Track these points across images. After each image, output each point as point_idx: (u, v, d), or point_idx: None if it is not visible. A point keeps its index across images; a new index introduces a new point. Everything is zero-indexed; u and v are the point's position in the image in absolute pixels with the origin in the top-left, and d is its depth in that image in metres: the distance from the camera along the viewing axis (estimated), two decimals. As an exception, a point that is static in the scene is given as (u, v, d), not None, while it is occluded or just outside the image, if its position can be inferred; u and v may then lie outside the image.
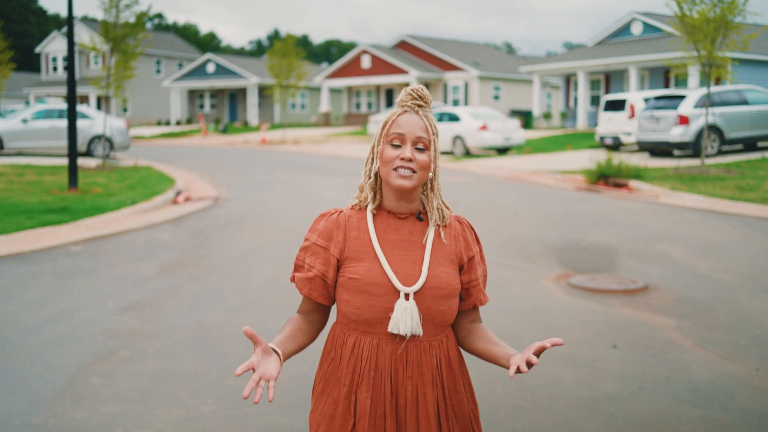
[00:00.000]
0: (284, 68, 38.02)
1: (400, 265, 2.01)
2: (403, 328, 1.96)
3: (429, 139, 2.01)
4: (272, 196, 13.91)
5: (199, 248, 9.00)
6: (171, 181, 15.20)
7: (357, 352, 2.02)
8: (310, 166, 21.11)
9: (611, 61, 32.50)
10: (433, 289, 2.00)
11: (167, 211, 11.79)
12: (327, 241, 2.06)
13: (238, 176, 18.10)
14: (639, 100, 22.34)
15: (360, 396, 2.00)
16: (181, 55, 64.60)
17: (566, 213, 12.03)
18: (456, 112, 25.35)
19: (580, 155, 23.08)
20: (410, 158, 1.97)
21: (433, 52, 46.00)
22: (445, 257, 2.06)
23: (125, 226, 10.13)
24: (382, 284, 1.98)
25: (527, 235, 10.04)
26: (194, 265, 8.10)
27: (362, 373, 2.00)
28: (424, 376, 2.01)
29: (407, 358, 2.01)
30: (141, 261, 8.26)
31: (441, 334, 2.06)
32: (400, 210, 2.06)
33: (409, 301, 1.97)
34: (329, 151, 28.65)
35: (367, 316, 1.99)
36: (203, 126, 44.38)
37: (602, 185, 15.68)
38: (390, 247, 2.03)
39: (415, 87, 2.07)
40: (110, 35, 17.19)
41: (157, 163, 20.98)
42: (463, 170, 20.19)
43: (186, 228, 10.37)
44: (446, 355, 2.07)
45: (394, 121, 2.02)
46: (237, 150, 30.86)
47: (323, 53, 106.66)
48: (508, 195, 14.46)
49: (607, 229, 10.55)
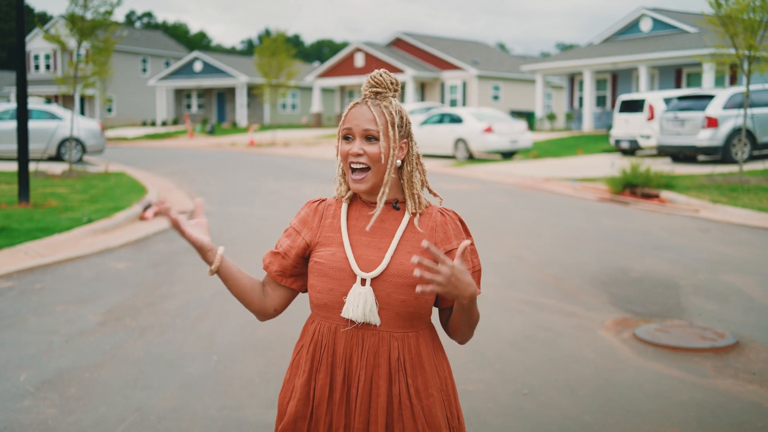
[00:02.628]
0: (274, 66, 36.34)
1: (364, 251, 1.98)
2: (353, 313, 1.93)
3: (377, 130, 1.96)
4: (256, 211, 12.16)
5: (160, 284, 7.24)
6: (142, 191, 13.44)
7: (317, 338, 2.00)
8: (300, 172, 19.38)
9: (620, 60, 30.86)
10: (394, 276, 1.94)
11: (130, 230, 10.02)
12: (302, 226, 2.09)
13: (220, 184, 16.35)
14: (659, 100, 20.67)
15: (318, 383, 1.97)
16: (168, 53, 62.78)
17: (599, 231, 10.33)
18: (458, 114, 23.64)
19: (594, 160, 21.41)
20: (358, 152, 1.96)
21: (429, 50, 44.26)
22: (416, 246, 1.98)
23: (74, 252, 8.37)
24: (342, 268, 1.97)
25: (561, 262, 8.34)
26: (150, 310, 6.35)
27: (320, 360, 1.98)
28: (379, 368, 1.94)
29: (362, 347, 1.95)
30: (83, 303, 6.50)
31: (408, 328, 1.98)
32: (373, 200, 2.04)
33: (365, 287, 1.93)
34: (321, 154, 26.92)
35: (325, 300, 1.98)
36: (189, 127, 42.59)
37: (629, 195, 14.00)
38: (359, 233, 2.01)
39: (373, 73, 2.03)
40: (77, 27, 15.39)
41: (132, 169, 19.20)
42: (467, 176, 18.48)
43: (149, 254, 8.61)
44: (414, 352, 1.97)
45: (345, 116, 2.01)
46: (223, 153, 29.11)
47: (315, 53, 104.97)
48: (525, 207, 12.75)
49: (654, 253, 8.85)
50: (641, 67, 30.49)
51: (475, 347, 5.49)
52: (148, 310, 6.33)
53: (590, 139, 28.50)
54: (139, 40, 62.53)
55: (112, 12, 15.37)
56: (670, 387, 4.79)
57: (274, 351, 5.32)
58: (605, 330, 5.97)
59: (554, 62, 34.49)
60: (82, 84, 16.73)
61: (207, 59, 52.04)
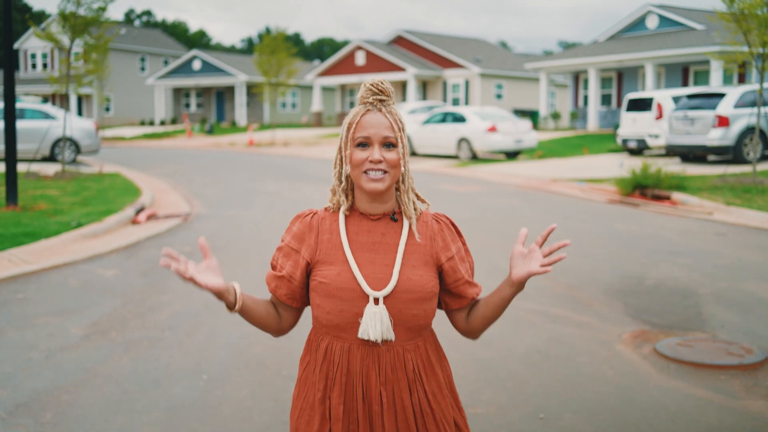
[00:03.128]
0: (273, 65, 35.97)
1: (371, 269, 1.98)
2: (372, 333, 1.93)
3: (396, 137, 1.98)
4: (253, 213, 11.82)
5: (149, 293, 6.90)
6: (136, 193, 13.10)
7: (329, 357, 1.99)
8: (299, 172, 19.04)
9: (626, 57, 30.48)
10: (404, 292, 1.97)
11: (122, 234, 9.68)
12: (299, 243, 2.05)
13: (217, 185, 16.01)
14: (667, 98, 20.31)
15: (333, 401, 1.97)
16: (167, 52, 62.48)
17: (610, 236, 9.99)
18: (461, 113, 23.29)
19: (600, 160, 21.06)
20: (379, 160, 1.95)
21: (431, 48, 43.90)
22: (419, 259, 2.02)
23: (61, 259, 8.03)
24: (351, 289, 1.96)
25: (572, 269, 8.00)
26: (137, 322, 6.01)
27: (335, 378, 1.98)
28: (399, 382, 1.98)
29: (380, 364, 1.97)
30: (67, 315, 6.16)
31: (417, 338, 2.02)
32: (373, 211, 2.04)
33: (378, 306, 1.94)
34: (321, 154, 26.58)
35: (337, 321, 1.97)
36: (188, 126, 42.25)
37: (639, 197, 13.65)
38: (361, 249, 2.01)
39: (374, 81, 2.02)
40: (69, 23, 15.04)
41: (127, 170, 18.86)
42: (471, 177, 18.13)
43: (139, 260, 8.26)
44: (425, 360, 2.03)
45: (358, 123, 1.98)
46: (222, 153, 28.78)
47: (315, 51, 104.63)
48: (532, 210, 12.41)
49: (669, 259, 8.51)
50: (647, 65, 30.12)
51: (484, 364, 5.16)
52: (135, 322, 5.99)
53: (596, 139, 28.14)
54: (138, 38, 62.23)
55: (105, 8, 15.04)
56: (697, 409, 4.45)
57: (268, 369, 4.98)
58: (623, 344, 5.63)
59: (558, 60, 34.13)
60: (75, 83, 16.35)
61: (206, 58, 51.70)
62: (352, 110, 2.03)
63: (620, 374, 5.01)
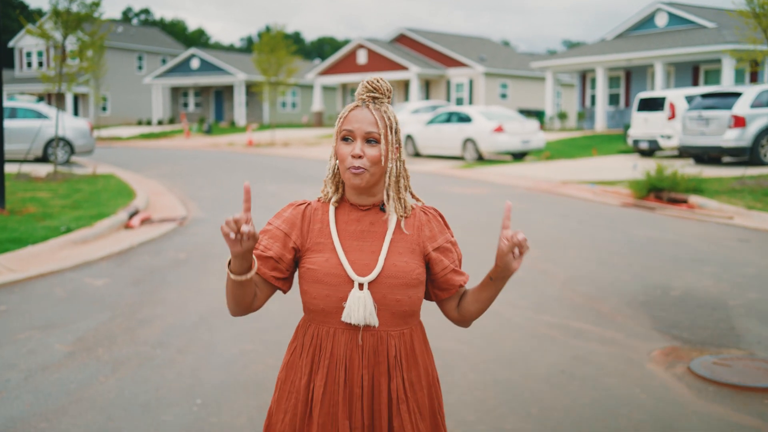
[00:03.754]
0: (273, 63, 35.61)
1: (358, 256, 2.04)
2: (355, 317, 1.99)
3: (379, 133, 2.02)
4: (252, 217, 11.43)
5: (141, 305, 6.51)
6: (130, 196, 12.72)
7: (315, 342, 2.06)
8: (299, 174, 18.66)
9: (634, 56, 30.09)
10: (389, 278, 2.03)
11: (114, 240, 9.29)
12: (290, 228, 2.09)
13: (215, 187, 15.64)
14: (680, 98, 19.90)
15: (316, 384, 2.03)
16: (165, 50, 62.12)
17: (628, 242, 9.60)
18: (467, 112, 22.90)
19: (611, 161, 20.68)
20: (359, 155, 2.00)
21: (434, 46, 43.50)
22: (405, 247, 2.08)
23: (48, 266, 7.64)
24: (337, 274, 2.02)
25: (593, 279, 7.61)
26: (127, 338, 5.62)
27: (319, 362, 2.04)
28: (380, 365, 2.03)
29: (363, 348, 2.03)
30: (51, 329, 5.78)
31: (403, 325, 2.08)
32: (362, 202, 2.10)
33: (363, 291, 2.01)
34: (322, 155, 26.21)
35: (322, 306, 2.04)
36: (185, 126, 41.90)
37: (654, 200, 13.27)
38: (350, 238, 2.07)
39: (371, 79, 2.08)
40: (61, 19, 14.66)
41: (122, 171, 18.48)
42: (477, 179, 17.74)
43: (131, 268, 7.87)
44: (408, 348, 2.08)
45: (345, 117, 2.05)
46: (220, 153, 28.42)
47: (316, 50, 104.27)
48: (544, 214, 12.02)
49: (693, 267, 8.12)
50: (657, 63, 29.73)
51: (505, 386, 4.78)
52: (124, 337, 5.60)
53: (604, 139, 27.76)
54: (135, 36, 61.88)
55: (99, 3, 14.66)
56: (744, 440, 4.06)
57: (268, 391, 4.59)
58: (654, 363, 5.24)
59: (565, 59, 33.74)
60: (68, 81, 15.98)
61: (204, 56, 51.35)
62: (346, 106, 2.11)
63: (654, 398, 4.62)
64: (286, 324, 5.93)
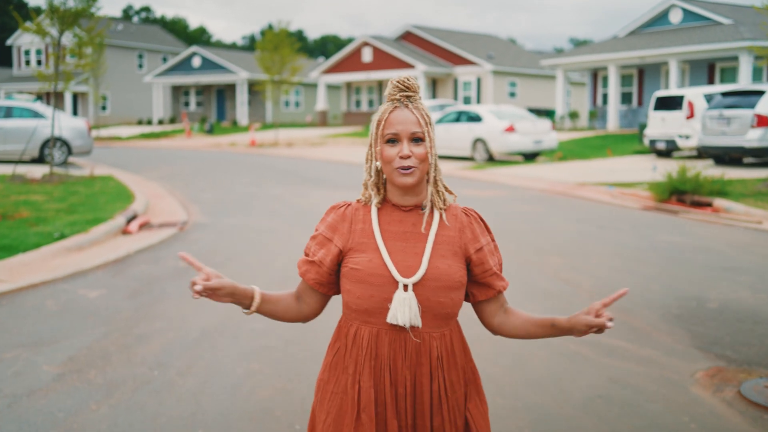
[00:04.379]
0: (276, 61, 35.23)
1: (401, 257, 2.08)
2: (401, 318, 2.03)
3: (423, 131, 2.08)
4: (256, 222, 11.06)
5: (138, 319, 6.13)
6: (129, 199, 12.35)
7: (358, 342, 2.09)
8: (305, 175, 18.29)
9: (648, 53, 29.66)
10: (432, 280, 2.07)
11: (110, 247, 8.91)
12: (332, 233, 2.16)
13: (217, 189, 15.26)
14: (699, 96, 19.48)
15: (363, 385, 2.06)
16: (165, 48, 61.80)
17: (653, 248, 9.20)
18: (477, 111, 22.50)
19: (627, 162, 20.27)
20: (408, 155, 2.05)
21: (441, 44, 43.11)
22: (448, 249, 2.12)
23: (39, 276, 7.27)
24: (381, 275, 2.06)
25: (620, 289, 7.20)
26: (122, 357, 5.24)
27: (363, 363, 2.07)
28: (422, 367, 2.07)
29: (405, 348, 2.07)
30: (40, 347, 5.40)
31: (444, 326, 2.12)
32: (405, 203, 2.13)
33: (407, 293, 2.05)
34: (327, 156, 25.84)
35: (366, 306, 2.08)
36: (187, 126, 41.58)
37: (676, 203, 12.86)
38: (393, 238, 2.11)
39: (400, 78, 2.13)
40: (57, 15, 14.29)
41: (121, 172, 18.12)
42: (489, 181, 17.35)
43: (128, 278, 7.49)
44: (449, 350, 2.12)
45: (386, 120, 2.09)
46: (222, 154, 28.07)
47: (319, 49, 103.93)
48: (562, 218, 11.62)
49: (727, 277, 7.72)
50: (671, 61, 29.29)
51: (537, 413, 4.39)
52: (119, 357, 5.22)
53: (618, 139, 27.35)
54: (135, 34, 61.56)
55: (95, 0, 14.31)
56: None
57: (277, 420, 4.22)
58: (699, 386, 4.85)
59: (576, 57, 33.31)
60: (64, 80, 15.62)
61: (206, 54, 51.02)
62: (380, 108, 2.12)
63: (704, 428, 4.23)
64: (295, 340, 5.55)
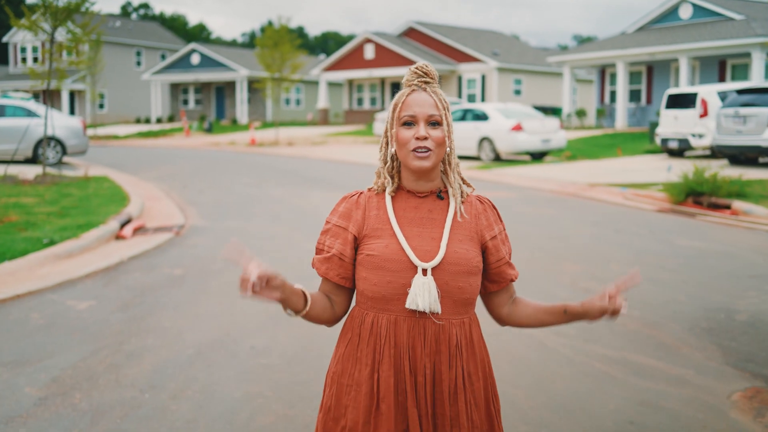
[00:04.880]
0: (277, 59, 34.94)
1: (418, 242, 2.06)
2: (421, 303, 2.01)
3: (441, 115, 2.07)
4: (256, 225, 10.72)
5: (129, 334, 5.78)
6: (124, 201, 12.01)
7: (376, 331, 2.05)
8: (307, 176, 17.95)
9: (658, 50, 29.31)
10: (451, 264, 2.05)
11: (102, 253, 8.57)
12: (346, 221, 2.12)
13: (215, 190, 14.92)
14: (712, 94, 19.11)
15: (383, 374, 2.03)
16: (164, 45, 61.51)
17: (674, 254, 8.84)
18: (483, 110, 22.16)
19: (638, 162, 19.91)
20: (425, 137, 2.04)
21: (445, 41, 42.76)
22: (465, 235, 2.11)
23: (25, 286, 6.92)
24: (399, 260, 2.04)
25: (645, 299, 6.85)
26: (110, 378, 4.89)
27: (382, 352, 2.04)
28: (441, 354, 2.05)
29: (425, 335, 2.04)
30: (22, 366, 5.05)
31: (463, 314, 2.10)
32: (420, 189, 2.12)
33: (426, 277, 2.02)
34: (329, 155, 25.50)
35: (384, 293, 2.05)
36: (185, 124, 41.25)
37: (692, 206, 12.51)
38: (409, 224, 2.09)
39: (419, 64, 2.13)
40: (51, 10, 13.95)
41: (117, 173, 17.79)
42: (498, 181, 17.00)
43: (120, 288, 7.15)
44: (468, 338, 2.10)
45: (404, 102, 2.08)
46: (221, 153, 27.74)
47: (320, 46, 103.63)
48: (575, 221, 11.27)
49: (754, 285, 7.37)
50: (682, 58, 28.92)
51: (566, 443, 4.04)
52: (108, 377, 4.87)
53: (627, 138, 26.99)
54: (133, 31, 61.24)
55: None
56: None
57: None
58: (738, 410, 4.50)
59: (584, 53, 32.94)
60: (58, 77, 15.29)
61: (205, 51, 50.71)
62: (398, 93, 2.12)
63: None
64: (297, 358, 5.21)
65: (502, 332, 5.70)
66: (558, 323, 2.16)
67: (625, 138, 27.14)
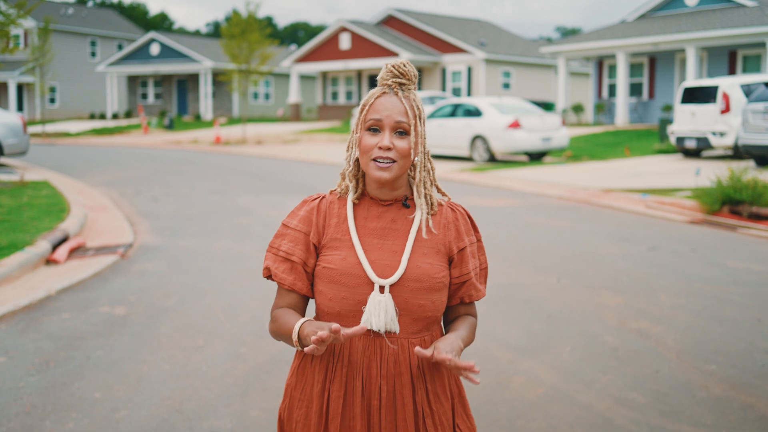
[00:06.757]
0: (244, 49, 33.72)
1: (378, 255, 2.01)
2: (375, 323, 1.95)
3: (409, 123, 2.00)
4: (220, 244, 9.41)
5: (45, 412, 4.46)
6: (62, 212, 10.65)
7: (329, 347, 2.00)
8: (279, 180, 16.66)
9: (662, 39, 28.32)
10: (412, 281, 1.99)
11: (25, 285, 7.21)
12: (307, 226, 2.07)
13: (173, 199, 13.58)
14: (735, 87, 18.04)
15: (333, 394, 1.98)
16: (121, 35, 59.93)
17: (732, 280, 7.65)
18: (476, 105, 20.98)
19: (651, 163, 18.82)
20: (388, 146, 1.98)
21: (428, 29, 41.58)
22: (430, 247, 2.04)
23: None
24: (355, 275, 1.98)
25: (719, 348, 5.64)
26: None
27: (335, 370, 1.99)
28: (402, 376, 1.99)
29: (381, 355, 1.98)
30: None
31: (424, 331, 2.04)
32: (384, 197, 2.07)
33: (384, 294, 1.96)
34: (303, 155, 24.23)
35: (338, 309, 1.99)
36: (144, 120, 39.79)
37: (729, 215, 11.38)
38: (370, 235, 2.03)
39: (396, 62, 2.05)
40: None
41: (60, 177, 16.39)
42: (495, 186, 15.81)
43: (42, 336, 5.81)
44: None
45: (371, 105, 2.02)
46: (182, 153, 26.38)
47: (289, 37, 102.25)
48: (600, 236, 10.08)
49: None
50: (689, 48, 27.94)
51: None
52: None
53: (632, 136, 25.97)
54: (87, 19, 59.55)
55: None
56: None
57: None
58: None
59: (581, 43, 31.88)
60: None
61: (165, 41, 49.24)
62: (369, 91, 2.04)
63: None
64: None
65: (553, 401, 4.47)
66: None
67: (629, 136, 26.10)
